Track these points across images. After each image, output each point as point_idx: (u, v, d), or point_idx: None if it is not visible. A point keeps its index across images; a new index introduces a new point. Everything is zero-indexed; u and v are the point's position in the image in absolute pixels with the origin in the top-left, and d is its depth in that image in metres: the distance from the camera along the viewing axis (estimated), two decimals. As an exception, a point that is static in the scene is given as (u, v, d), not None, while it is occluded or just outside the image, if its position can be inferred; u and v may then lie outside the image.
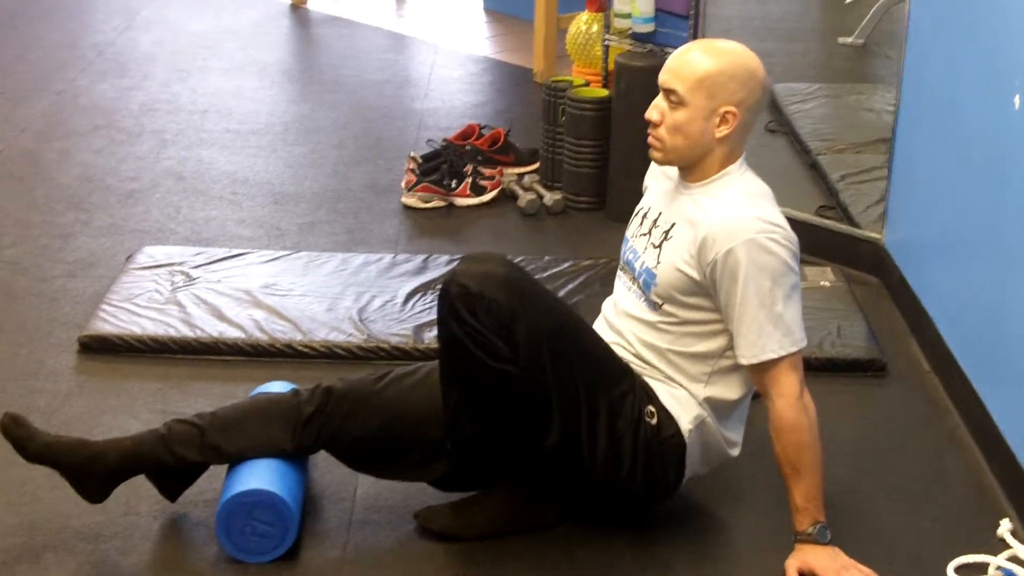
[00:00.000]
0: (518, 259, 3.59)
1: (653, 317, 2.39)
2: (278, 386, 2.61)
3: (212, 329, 3.16)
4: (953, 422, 2.91)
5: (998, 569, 2.38)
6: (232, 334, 3.15)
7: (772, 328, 2.27)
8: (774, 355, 2.28)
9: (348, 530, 2.48)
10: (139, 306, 3.26)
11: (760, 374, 2.32)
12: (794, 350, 2.30)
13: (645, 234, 2.43)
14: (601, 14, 4.76)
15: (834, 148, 4.26)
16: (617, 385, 2.35)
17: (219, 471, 2.46)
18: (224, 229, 3.88)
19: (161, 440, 2.39)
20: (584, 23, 4.94)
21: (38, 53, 5.67)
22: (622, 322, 2.46)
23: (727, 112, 2.31)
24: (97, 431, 2.66)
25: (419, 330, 3.19)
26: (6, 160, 4.41)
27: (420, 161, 4.08)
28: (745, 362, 2.32)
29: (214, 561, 2.37)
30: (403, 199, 4.05)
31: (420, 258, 3.61)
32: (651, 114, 2.36)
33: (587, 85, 4.20)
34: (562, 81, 4.20)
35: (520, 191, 4.08)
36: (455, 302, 2.27)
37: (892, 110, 3.55)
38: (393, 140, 4.68)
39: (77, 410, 2.87)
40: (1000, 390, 2.73)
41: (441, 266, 3.55)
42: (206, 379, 3.02)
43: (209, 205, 4.06)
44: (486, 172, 4.11)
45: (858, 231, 3.67)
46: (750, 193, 2.35)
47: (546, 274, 3.52)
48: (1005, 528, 2.48)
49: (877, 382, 3.09)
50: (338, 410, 2.41)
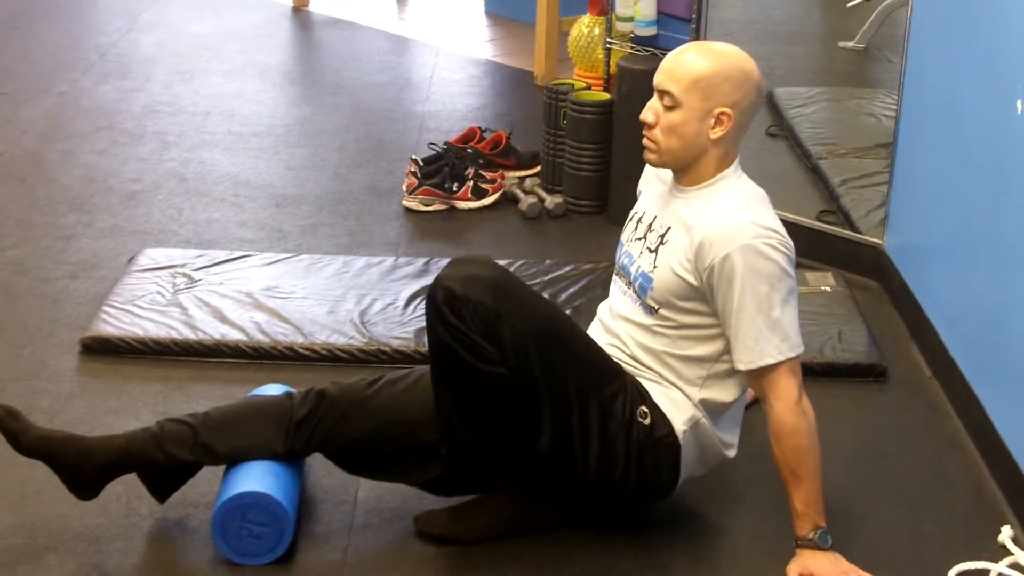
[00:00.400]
0: (519, 263, 3.60)
1: (649, 321, 2.39)
2: (274, 389, 2.61)
3: (214, 331, 3.17)
4: (954, 427, 2.91)
5: None
6: (234, 336, 3.15)
7: (770, 333, 2.27)
8: (772, 360, 2.29)
9: (349, 533, 2.48)
10: (141, 308, 3.26)
11: (758, 379, 2.32)
12: (792, 355, 2.30)
13: (640, 238, 2.43)
14: (603, 17, 4.77)
15: (835, 152, 4.26)
16: (608, 386, 2.35)
17: (219, 475, 2.46)
18: (226, 231, 3.89)
19: (153, 438, 2.40)
20: (586, 26, 4.93)
21: (40, 55, 5.67)
22: (618, 325, 2.46)
23: (722, 113, 2.31)
24: (98, 432, 2.63)
25: (420, 333, 3.18)
26: (8, 161, 4.42)
27: (421, 164, 4.07)
28: (743, 367, 2.31)
29: (215, 563, 2.37)
30: (404, 202, 4.05)
31: (421, 261, 3.62)
32: (646, 115, 2.35)
33: (589, 88, 4.19)
34: (563, 84, 4.20)
35: (521, 194, 4.08)
36: (440, 305, 2.27)
37: (893, 114, 3.55)
38: (394, 143, 4.68)
39: (79, 411, 2.88)
40: (1001, 395, 2.73)
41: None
42: (207, 381, 3.02)
43: (211, 207, 4.07)
44: (487, 175, 4.11)
45: (859, 236, 3.67)
46: (746, 198, 2.35)
47: (547, 278, 3.52)
48: (1006, 535, 2.47)
49: (878, 387, 3.09)
50: (331, 414, 2.41)
